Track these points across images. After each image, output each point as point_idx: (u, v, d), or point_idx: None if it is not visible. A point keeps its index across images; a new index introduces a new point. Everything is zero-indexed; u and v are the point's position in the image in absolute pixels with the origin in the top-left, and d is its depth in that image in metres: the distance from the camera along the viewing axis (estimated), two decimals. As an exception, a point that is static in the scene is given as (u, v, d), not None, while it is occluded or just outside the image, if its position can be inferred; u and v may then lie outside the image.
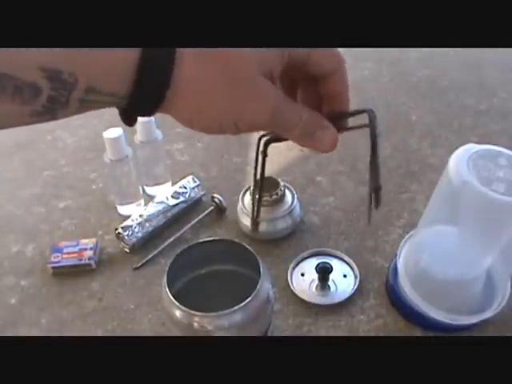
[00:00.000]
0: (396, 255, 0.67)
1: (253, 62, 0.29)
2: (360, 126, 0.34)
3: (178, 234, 0.77)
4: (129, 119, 0.30)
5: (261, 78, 0.30)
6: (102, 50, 0.26)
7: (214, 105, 0.29)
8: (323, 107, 0.35)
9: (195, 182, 0.82)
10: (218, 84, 0.29)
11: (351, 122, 0.36)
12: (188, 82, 0.28)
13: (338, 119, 0.34)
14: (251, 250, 0.51)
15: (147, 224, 0.76)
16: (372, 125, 0.33)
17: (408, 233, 0.70)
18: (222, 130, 0.31)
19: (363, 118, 0.34)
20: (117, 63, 0.27)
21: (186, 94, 0.29)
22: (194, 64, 0.28)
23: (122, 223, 0.75)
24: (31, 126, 0.28)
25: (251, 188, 0.75)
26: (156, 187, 0.84)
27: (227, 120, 0.30)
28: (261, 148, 0.37)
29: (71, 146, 0.99)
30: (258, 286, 0.46)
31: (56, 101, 0.26)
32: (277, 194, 0.74)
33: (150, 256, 0.74)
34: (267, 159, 0.39)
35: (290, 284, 0.69)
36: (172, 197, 0.79)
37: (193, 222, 0.79)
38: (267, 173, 0.40)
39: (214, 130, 0.31)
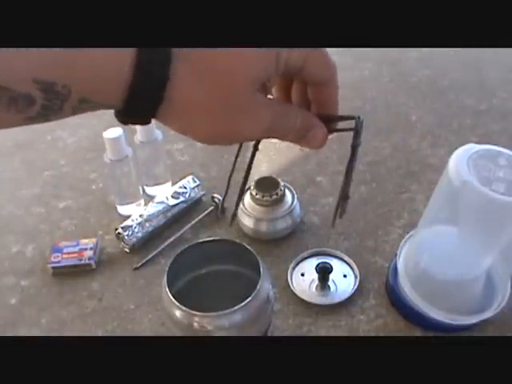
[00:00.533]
0: (396, 255, 0.67)
1: (247, 78, 0.29)
2: (346, 130, 0.35)
3: (178, 234, 0.77)
4: (123, 121, 0.30)
5: (255, 95, 0.30)
6: (96, 62, 0.26)
7: (207, 121, 0.30)
8: (312, 107, 0.35)
9: (195, 181, 0.82)
10: (211, 103, 0.29)
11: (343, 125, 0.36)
12: (181, 99, 0.28)
13: (327, 122, 0.34)
14: (251, 250, 0.51)
15: (147, 224, 0.76)
16: (356, 131, 0.34)
17: (408, 233, 0.70)
18: (215, 142, 0.32)
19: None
20: (110, 77, 0.27)
21: (180, 110, 0.29)
22: (187, 82, 0.28)
23: (122, 223, 0.75)
24: (31, 126, 0.28)
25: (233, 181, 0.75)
26: (156, 187, 0.84)
27: (221, 134, 0.31)
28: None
29: (71, 146, 0.99)
30: (258, 286, 0.46)
31: (50, 109, 0.27)
32: (277, 193, 0.74)
33: (150, 256, 0.74)
34: (267, 159, 0.39)
35: (290, 284, 0.69)
36: (172, 197, 0.79)
37: (193, 222, 0.79)
38: (267, 173, 0.40)
39: (208, 141, 0.31)
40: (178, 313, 0.46)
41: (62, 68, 0.26)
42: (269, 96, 0.34)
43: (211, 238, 0.55)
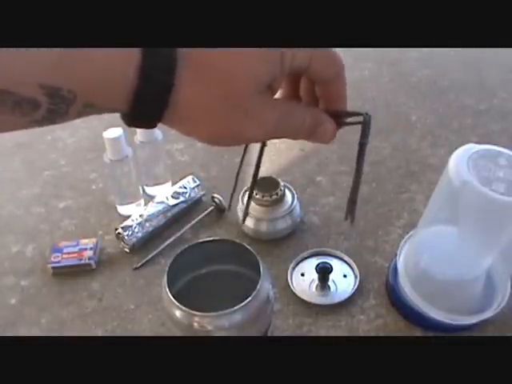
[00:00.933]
0: (396, 255, 0.67)
1: (249, 79, 0.29)
2: (354, 123, 0.34)
3: (178, 234, 0.77)
4: (129, 124, 0.31)
5: (258, 97, 0.30)
6: (100, 65, 0.26)
7: (210, 123, 0.30)
8: (320, 103, 0.35)
9: (195, 182, 0.82)
10: (213, 104, 0.29)
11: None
12: (185, 103, 0.28)
13: (334, 117, 0.34)
14: (251, 250, 0.51)
15: (147, 224, 0.76)
16: (364, 126, 0.33)
17: (408, 233, 0.70)
18: (220, 143, 0.32)
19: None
20: (115, 82, 0.27)
21: (184, 113, 0.29)
22: (190, 84, 0.28)
23: (122, 223, 0.75)
24: (32, 126, 0.28)
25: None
26: (156, 187, 0.84)
27: (224, 136, 0.31)
28: None
29: (71, 146, 0.99)
30: (258, 286, 0.46)
31: (56, 113, 0.27)
32: (277, 193, 0.74)
33: (150, 256, 0.74)
34: (267, 159, 0.39)
35: (290, 284, 0.69)
36: (172, 197, 0.79)
37: (193, 222, 0.79)
38: (267, 173, 0.40)
39: (212, 142, 0.31)
40: (178, 313, 0.46)
41: (68, 73, 0.26)
42: (276, 95, 0.33)
43: (211, 238, 0.55)
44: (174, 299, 0.46)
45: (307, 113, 0.33)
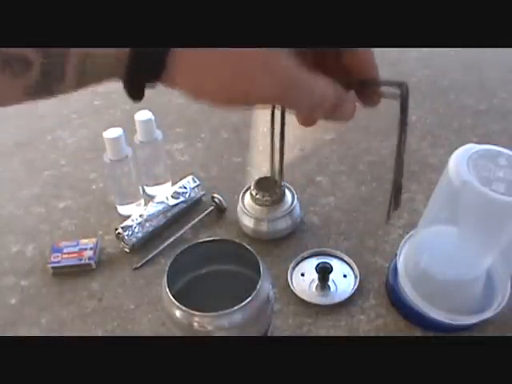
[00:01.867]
0: (396, 255, 0.67)
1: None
2: (390, 97, 0.32)
3: (178, 234, 0.77)
4: (133, 90, 0.29)
5: (278, 52, 0.28)
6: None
7: (217, 79, 0.28)
8: (351, 72, 0.34)
9: (195, 182, 0.82)
10: (219, 59, 0.28)
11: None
12: (187, 58, 0.27)
13: (369, 87, 0.33)
14: (251, 249, 0.51)
15: (147, 224, 0.76)
16: (403, 99, 0.31)
17: (408, 233, 0.70)
18: (230, 102, 0.29)
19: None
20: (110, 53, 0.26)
21: (187, 68, 0.28)
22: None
23: (122, 223, 0.75)
24: (31, 125, 0.28)
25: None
26: (156, 187, 0.84)
27: (235, 93, 0.29)
28: None
29: (71, 146, 0.99)
30: (258, 286, 0.46)
31: (50, 75, 0.26)
32: (277, 193, 0.74)
33: (150, 256, 0.74)
34: (266, 159, 0.39)
35: (290, 284, 0.69)
36: (172, 197, 0.79)
37: (193, 222, 0.79)
38: (267, 172, 0.40)
39: (222, 102, 0.29)
40: (177, 313, 0.46)
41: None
42: None
43: (211, 238, 0.55)
44: (173, 299, 0.46)
45: (330, 90, 0.31)
